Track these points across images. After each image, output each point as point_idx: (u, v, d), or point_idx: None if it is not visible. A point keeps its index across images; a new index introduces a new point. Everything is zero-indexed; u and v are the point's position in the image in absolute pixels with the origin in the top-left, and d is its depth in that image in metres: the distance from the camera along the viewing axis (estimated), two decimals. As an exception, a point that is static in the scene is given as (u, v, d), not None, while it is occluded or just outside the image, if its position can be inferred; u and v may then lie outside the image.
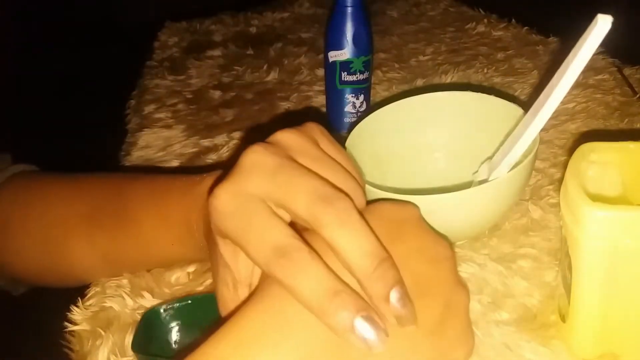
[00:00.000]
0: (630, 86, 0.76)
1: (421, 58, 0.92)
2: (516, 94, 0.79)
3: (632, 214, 0.36)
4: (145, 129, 0.78)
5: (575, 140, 0.66)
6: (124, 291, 0.50)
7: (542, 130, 0.44)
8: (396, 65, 0.90)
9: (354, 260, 0.29)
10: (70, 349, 0.48)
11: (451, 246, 0.34)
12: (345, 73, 0.68)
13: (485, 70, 0.85)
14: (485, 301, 0.46)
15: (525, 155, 0.46)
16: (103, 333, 0.46)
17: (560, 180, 0.41)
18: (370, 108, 0.70)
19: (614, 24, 0.37)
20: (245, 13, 1.15)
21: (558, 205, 0.42)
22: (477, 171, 0.51)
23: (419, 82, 0.84)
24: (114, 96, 0.96)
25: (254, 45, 1.01)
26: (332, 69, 0.69)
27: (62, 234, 0.50)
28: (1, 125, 1.84)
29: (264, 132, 0.34)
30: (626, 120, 0.69)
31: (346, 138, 0.52)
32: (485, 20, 1.02)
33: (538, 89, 0.48)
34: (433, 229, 0.35)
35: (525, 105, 0.47)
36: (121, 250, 0.49)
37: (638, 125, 0.68)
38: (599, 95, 0.74)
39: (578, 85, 0.76)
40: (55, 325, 0.50)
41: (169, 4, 1.97)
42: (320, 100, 0.81)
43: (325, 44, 0.68)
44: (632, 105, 0.72)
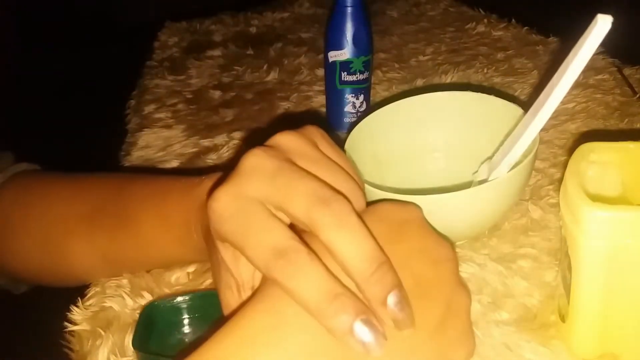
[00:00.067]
0: (630, 86, 0.76)
1: (421, 58, 0.92)
2: (516, 94, 0.79)
3: (632, 214, 0.36)
4: (145, 129, 0.78)
5: (575, 140, 0.66)
6: (124, 291, 0.50)
7: (542, 130, 0.44)
8: (396, 65, 0.90)
9: (351, 263, 0.29)
10: (70, 349, 0.48)
11: (453, 247, 0.34)
12: (345, 73, 0.68)
13: (485, 70, 0.85)
14: (485, 301, 0.46)
15: (525, 155, 0.46)
16: (103, 333, 0.46)
17: (560, 180, 0.41)
18: (370, 108, 0.70)
19: (614, 24, 0.37)
20: (245, 13, 1.15)
21: (558, 205, 0.42)
22: (477, 171, 0.51)
23: (419, 82, 0.84)
24: (114, 96, 0.96)
25: (254, 45, 1.01)
26: (332, 69, 0.69)
27: (62, 233, 0.50)
28: (1, 125, 1.85)
29: (264, 133, 0.34)
30: (626, 120, 0.69)
31: (346, 138, 0.52)
32: (485, 20, 1.02)
33: (538, 89, 0.48)
34: (435, 230, 0.35)
35: (525, 105, 0.47)
36: (121, 251, 0.49)
37: (638, 125, 0.68)
38: (599, 95, 0.74)
39: (578, 85, 0.76)
40: (55, 325, 0.50)
41: (169, 4, 1.97)
42: (320, 100, 0.81)
43: (325, 44, 0.68)
44: (632, 105, 0.72)
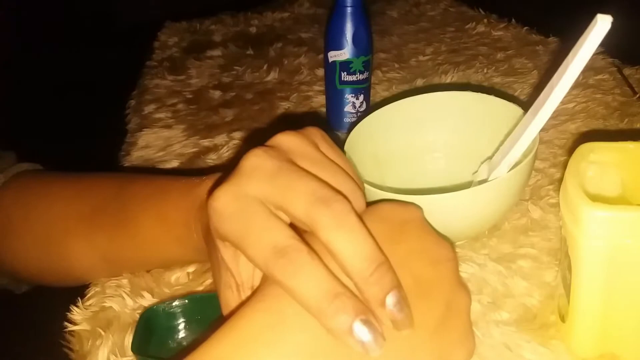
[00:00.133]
0: (630, 86, 0.76)
1: (421, 58, 0.92)
2: (516, 94, 0.79)
3: (632, 214, 0.36)
4: (145, 129, 0.78)
5: (575, 140, 0.66)
6: (124, 291, 0.50)
7: (542, 130, 0.44)
8: (396, 65, 0.90)
9: (350, 263, 0.29)
10: (70, 349, 0.48)
11: (453, 248, 0.34)
12: (345, 73, 0.68)
13: (485, 70, 0.85)
14: (485, 301, 0.46)
15: (525, 155, 0.46)
16: (103, 333, 0.46)
17: (560, 180, 0.41)
18: (370, 108, 0.70)
19: (614, 24, 0.37)
20: (245, 13, 1.15)
21: (558, 205, 0.42)
22: (477, 171, 0.51)
23: (419, 82, 0.84)
24: (114, 96, 0.96)
25: (254, 45, 1.01)
26: (332, 69, 0.69)
27: (62, 233, 0.50)
28: (2, 125, 1.84)
29: (264, 133, 0.34)
30: (626, 120, 0.69)
31: (346, 138, 0.52)
32: (485, 20, 1.02)
33: (538, 89, 0.48)
34: (435, 230, 0.35)
35: (525, 105, 0.47)
36: (120, 250, 0.49)
37: (638, 125, 0.68)
38: (599, 95, 0.74)
39: (578, 85, 0.76)
40: (55, 325, 0.50)
41: (169, 4, 1.97)
42: (320, 100, 0.81)
43: (325, 44, 0.68)
44: (632, 105, 0.72)
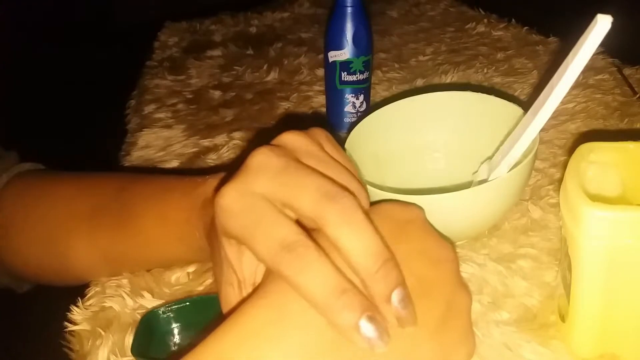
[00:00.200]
0: (630, 86, 0.76)
1: (421, 58, 0.92)
2: (516, 94, 0.79)
3: (632, 214, 0.36)
4: (145, 129, 0.78)
5: (575, 140, 0.66)
6: (124, 291, 0.50)
7: (542, 130, 0.44)
8: (396, 65, 0.90)
9: (357, 259, 0.29)
10: (70, 349, 0.48)
11: (454, 248, 0.34)
12: (345, 73, 0.68)
13: (485, 70, 0.85)
14: (485, 301, 0.46)
15: (525, 155, 0.46)
16: (103, 333, 0.46)
17: (560, 180, 0.41)
18: (370, 108, 0.70)
19: (614, 24, 0.37)
20: (245, 13, 1.15)
21: (558, 205, 0.42)
22: (477, 171, 0.51)
23: (419, 82, 0.84)
24: (114, 96, 0.96)
25: (254, 45, 1.01)
26: (332, 69, 0.69)
27: (64, 232, 0.50)
28: (2, 125, 1.84)
29: (266, 133, 0.34)
30: (626, 120, 0.69)
31: (346, 138, 0.52)
32: (485, 20, 1.02)
33: (538, 89, 0.48)
34: (437, 231, 0.35)
35: (525, 105, 0.47)
36: (121, 250, 0.49)
37: (638, 125, 0.68)
38: (599, 95, 0.74)
39: (578, 85, 0.76)
40: (55, 325, 0.50)
41: (169, 4, 1.97)
42: (320, 100, 0.81)
43: (325, 44, 0.68)
44: (632, 105, 0.72)
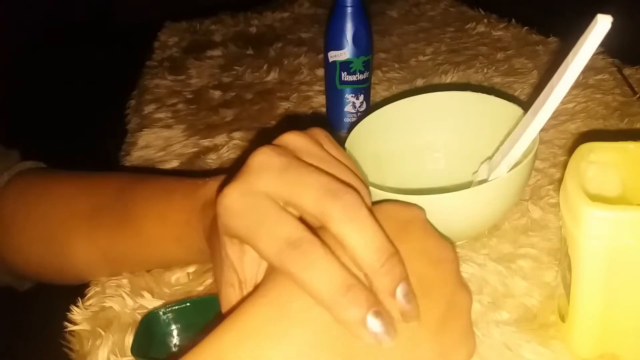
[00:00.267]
0: (630, 86, 0.76)
1: (421, 58, 0.92)
2: (516, 94, 0.79)
3: (632, 214, 0.36)
4: (145, 129, 0.78)
5: (575, 140, 0.66)
6: (124, 291, 0.50)
7: (542, 130, 0.44)
8: (396, 65, 0.90)
9: (361, 255, 0.29)
10: (70, 349, 0.48)
11: (454, 248, 0.34)
12: (345, 73, 0.68)
13: (485, 70, 0.85)
14: (485, 301, 0.46)
15: (525, 155, 0.46)
16: (103, 333, 0.46)
17: (560, 180, 0.41)
18: (370, 108, 0.70)
19: (614, 24, 0.37)
20: (245, 13, 1.15)
21: (558, 205, 0.42)
22: (477, 171, 0.51)
23: (419, 82, 0.84)
24: (114, 96, 0.96)
25: (254, 45, 1.01)
26: (332, 69, 0.69)
27: (64, 231, 0.50)
28: (2, 124, 1.85)
29: (264, 133, 0.34)
30: (626, 120, 0.69)
31: (346, 138, 0.52)
32: (485, 20, 1.02)
33: (538, 89, 0.48)
34: (437, 231, 0.35)
35: (525, 105, 0.47)
36: (121, 250, 0.49)
37: (638, 125, 0.68)
38: (599, 95, 0.74)
39: (578, 85, 0.76)
40: (55, 325, 0.50)
41: (169, 4, 1.97)
42: (320, 100, 0.81)
43: (325, 44, 0.68)
44: (632, 105, 0.72)
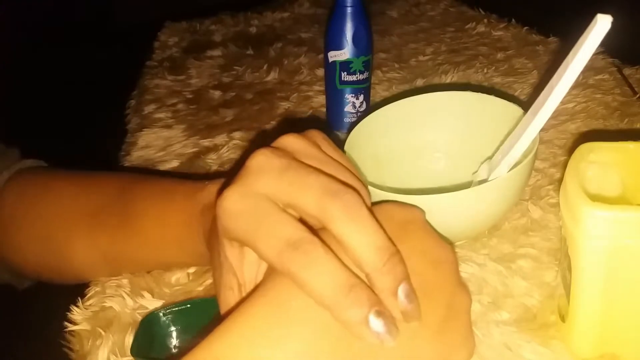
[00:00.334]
0: (630, 86, 0.76)
1: (421, 58, 0.92)
2: (516, 94, 0.79)
3: (632, 214, 0.36)
4: (145, 129, 0.78)
5: (575, 140, 0.66)
6: (124, 291, 0.50)
7: (542, 130, 0.44)
8: (396, 65, 0.90)
9: (363, 254, 0.29)
10: (70, 349, 0.48)
11: (453, 249, 0.34)
12: (345, 73, 0.68)
13: (485, 70, 0.85)
14: (485, 301, 0.46)
15: (525, 155, 0.46)
16: (103, 333, 0.46)
17: (560, 180, 0.41)
18: (370, 108, 0.70)
19: (614, 24, 0.37)
20: (245, 13, 1.15)
21: (558, 205, 0.42)
22: (477, 171, 0.51)
23: (419, 82, 0.84)
24: (114, 96, 0.96)
25: (254, 45, 1.01)
26: (332, 69, 0.69)
27: (64, 230, 0.50)
28: (2, 124, 1.85)
29: (264, 133, 0.34)
30: (626, 120, 0.69)
31: (346, 138, 0.52)
32: (485, 20, 1.02)
33: (538, 89, 0.48)
34: (437, 232, 0.35)
35: (525, 105, 0.47)
36: (121, 250, 0.49)
37: (638, 125, 0.68)
38: (599, 95, 0.74)
39: (578, 85, 0.76)
40: (55, 325, 0.50)
41: (169, 4, 1.97)
42: (320, 100, 0.81)
43: (325, 44, 0.68)
44: (632, 105, 0.72)
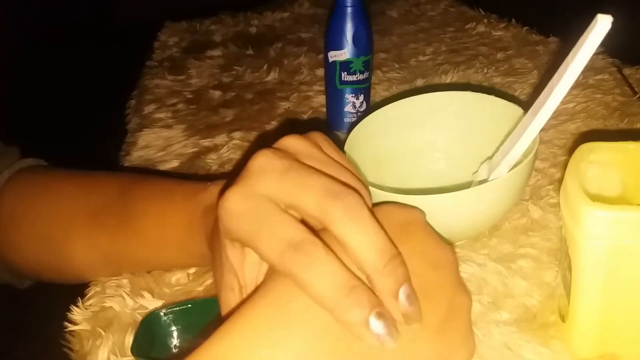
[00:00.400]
0: (630, 86, 0.76)
1: (421, 58, 0.92)
2: (516, 94, 0.79)
3: (632, 214, 0.36)
4: (145, 129, 0.78)
5: (575, 140, 0.66)
6: (124, 291, 0.50)
7: (542, 130, 0.44)
8: (396, 65, 0.90)
9: (364, 255, 0.29)
10: (70, 349, 0.48)
11: (453, 250, 0.34)
12: (345, 73, 0.68)
13: (485, 70, 0.85)
14: (485, 301, 0.46)
15: (525, 155, 0.46)
16: (103, 333, 0.46)
17: (560, 180, 0.41)
18: (370, 108, 0.70)
19: (614, 24, 0.37)
20: (245, 13, 1.15)
21: (558, 205, 0.42)
22: (477, 171, 0.51)
23: (419, 82, 0.84)
24: (114, 96, 0.96)
25: (254, 45, 1.01)
26: (332, 69, 0.69)
27: (64, 230, 0.50)
28: (2, 124, 1.85)
29: (264, 132, 0.34)
30: (626, 120, 0.69)
31: (346, 138, 0.52)
32: (485, 20, 1.02)
33: (538, 89, 0.48)
34: (437, 233, 0.35)
35: (525, 105, 0.47)
36: (121, 250, 0.49)
37: (638, 125, 0.68)
38: (599, 95, 0.74)
39: (578, 85, 0.76)
40: (55, 325, 0.50)
41: (169, 4, 1.97)
42: (320, 100, 0.81)
43: (325, 44, 0.68)
44: (632, 105, 0.72)
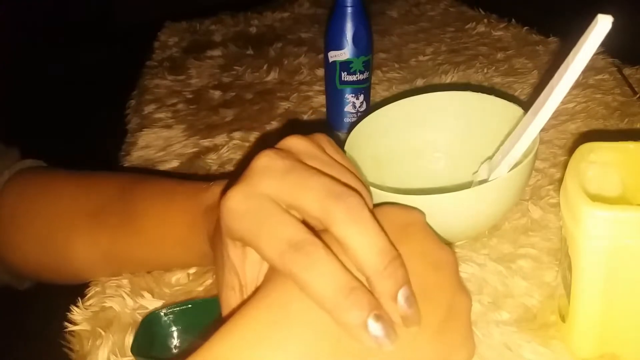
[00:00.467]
0: (630, 86, 0.76)
1: (421, 58, 0.92)
2: (516, 94, 0.79)
3: (632, 214, 0.36)
4: (145, 129, 0.78)
5: (575, 140, 0.66)
6: (124, 291, 0.50)
7: (542, 130, 0.44)
8: (396, 65, 0.90)
9: (364, 257, 0.29)
10: (70, 349, 0.48)
11: (453, 251, 0.34)
12: (345, 73, 0.68)
13: (485, 70, 0.85)
14: (485, 301, 0.46)
15: (525, 155, 0.46)
16: (103, 333, 0.46)
17: (560, 180, 0.41)
18: (370, 108, 0.70)
19: (614, 24, 0.37)
20: (245, 13, 1.15)
21: (558, 205, 0.42)
22: (477, 171, 0.51)
23: (419, 82, 0.84)
24: (114, 96, 0.96)
25: (254, 45, 1.01)
26: (332, 69, 0.69)
27: (65, 229, 0.50)
28: (1, 124, 1.85)
29: (264, 132, 0.34)
30: (626, 120, 0.69)
31: (346, 138, 0.52)
32: (485, 20, 1.02)
33: (538, 89, 0.48)
34: (437, 235, 0.35)
35: (525, 105, 0.47)
36: (122, 250, 0.49)
37: (638, 125, 0.68)
38: (599, 95, 0.74)
39: (578, 85, 0.76)
40: (55, 325, 0.50)
41: (169, 4, 1.97)
42: (320, 100, 0.81)
43: (325, 44, 0.68)
44: (632, 105, 0.72)
